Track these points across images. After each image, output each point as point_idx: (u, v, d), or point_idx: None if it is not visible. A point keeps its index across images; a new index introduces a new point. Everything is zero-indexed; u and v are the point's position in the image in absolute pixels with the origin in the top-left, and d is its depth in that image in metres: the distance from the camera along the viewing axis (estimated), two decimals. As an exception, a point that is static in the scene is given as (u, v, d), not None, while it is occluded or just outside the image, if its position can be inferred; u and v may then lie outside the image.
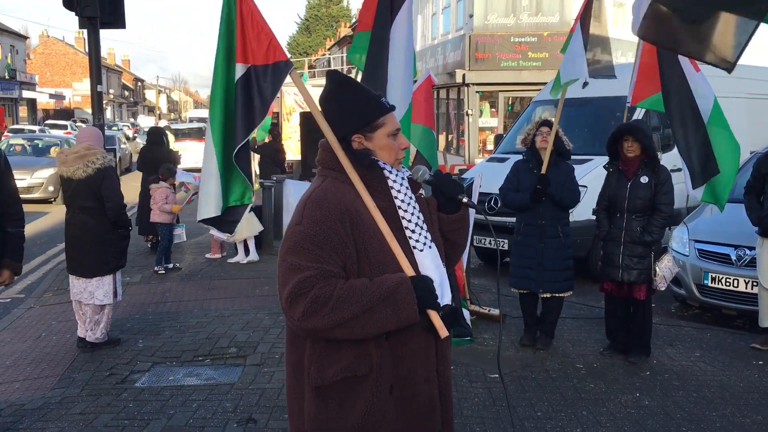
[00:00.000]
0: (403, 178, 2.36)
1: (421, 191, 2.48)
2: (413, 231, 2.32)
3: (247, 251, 9.81)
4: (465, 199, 2.42)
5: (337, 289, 2.13)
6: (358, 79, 5.61)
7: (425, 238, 2.33)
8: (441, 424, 2.38)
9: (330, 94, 2.39)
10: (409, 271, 2.26)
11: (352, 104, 2.34)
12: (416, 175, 2.43)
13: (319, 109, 2.46)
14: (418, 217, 2.34)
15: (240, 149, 3.68)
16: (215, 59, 3.57)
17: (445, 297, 2.34)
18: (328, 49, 50.90)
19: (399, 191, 2.33)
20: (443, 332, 2.28)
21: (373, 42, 5.48)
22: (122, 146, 25.87)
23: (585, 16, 6.18)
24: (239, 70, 3.37)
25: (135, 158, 20.66)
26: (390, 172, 2.33)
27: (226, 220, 4.10)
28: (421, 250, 2.32)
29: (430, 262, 2.32)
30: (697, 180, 5.88)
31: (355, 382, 2.23)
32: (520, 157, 6.27)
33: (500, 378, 5.07)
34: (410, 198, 2.35)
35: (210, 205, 3.98)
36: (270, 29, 3.45)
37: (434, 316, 2.27)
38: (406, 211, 2.33)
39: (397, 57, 5.51)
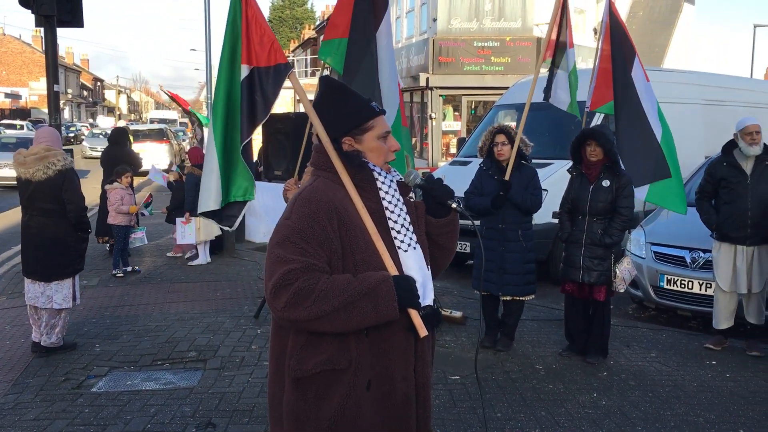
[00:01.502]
0: (391, 180, 2.43)
1: (411, 195, 2.53)
2: (399, 232, 2.39)
3: (203, 252, 9.74)
4: (454, 205, 2.49)
5: (321, 283, 2.19)
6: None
7: (410, 239, 2.40)
8: (416, 423, 2.41)
9: (322, 98, 2.51)
10: (393, 270, 2.32)
11: (343, 108, 2.43)
12: (408, 179, 2.50)
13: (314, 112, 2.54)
14: (405, 219, 2.41)
15: (246, 147, 3.87)
16: (220, 59, 3.74)
17: (427, 298, 2.39)
18: (292, 51, 50.70)
19: (387, 192, 2.40)
20: (422, 331, 2.33)
21: (353, 50, 5.53)
22: None
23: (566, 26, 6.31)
24: (244, 71, 3.61)
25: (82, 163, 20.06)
26: (379, 173, 2.40)
27: (226, 214, 4.26)
28: (406, 251, 2.38)
29: (413, 263, 2.38)
30: (638, 180, 6.07)
31: (334, 375, 2.29)
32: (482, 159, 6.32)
33: (477, 380, 5.14)
34: (398, 200, 2.42)
35: (210, 199, 4.11)
36: (271, 32, 3.64)
37: (414, 316, 2.32)
38: (392, 212, 2.40)
39: (385, 65, 5.62)
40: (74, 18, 8.68)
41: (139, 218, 9.73)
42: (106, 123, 55.22)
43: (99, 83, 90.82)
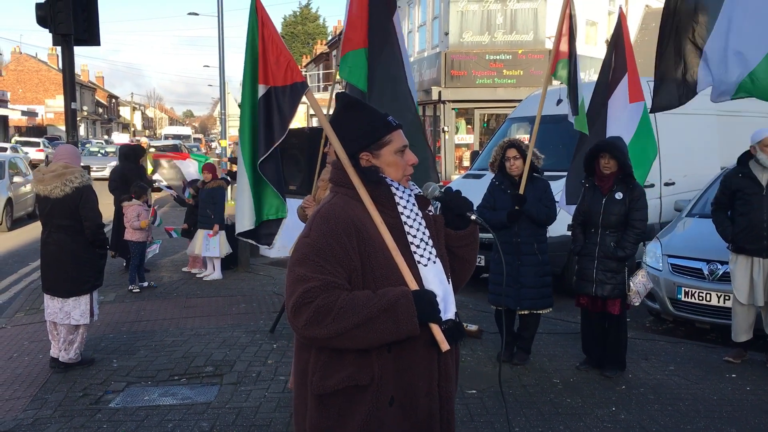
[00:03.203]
0: (410, 195, 2.43)
1: (430, 208, 2.53)
2: (418, 246, 2.39)
3: (215, 267, 9.82)
4: (473, 217, 2.49)
5: (340, 300, 2.20)
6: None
7: (430, 253, 2.40)
8: None
9: (338, 115, 2.53)
10: (413, 285, 2.32)
11: (359, 124, 2.44)
12: (426, 192, 2.50)
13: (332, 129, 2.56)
14: (424, 233, 2.41)
15: (268, 164, 3.93)
16: (243, 81, 3.83)
17: (448, 311, 2.39)
18: (305, 66, 51.01)
19: (405, 207, 2.40)
20: (444, 346, 2.32)
21: (376, 59, 5.57)
22: (14, 180, 16.15)
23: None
24: (261, 90, 3.66)
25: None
26: (397, 188, 2.41)
27: (263, 233, 4.33)
28: (425, 265, 2.38)
29: (434, 277, 2.38)
30: (569, 198, 6.35)
31: (356, 391, 2.29)
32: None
33: (501, 395, 5.11)
34: (416, 214, 2.42)
35: (244, 219, 4.17)
36: (288, 52, 3.70)
37: (436, 330, 2.32)
38: (411, 226, 2.40)
39: (408, 69, 5.68)
40: (91, 36, 8.79)
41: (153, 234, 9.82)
42: (121, 139, 55.67)
43: (114, 100, 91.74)
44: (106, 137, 66.06)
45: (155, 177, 11.61)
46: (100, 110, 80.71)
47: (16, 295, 9.23)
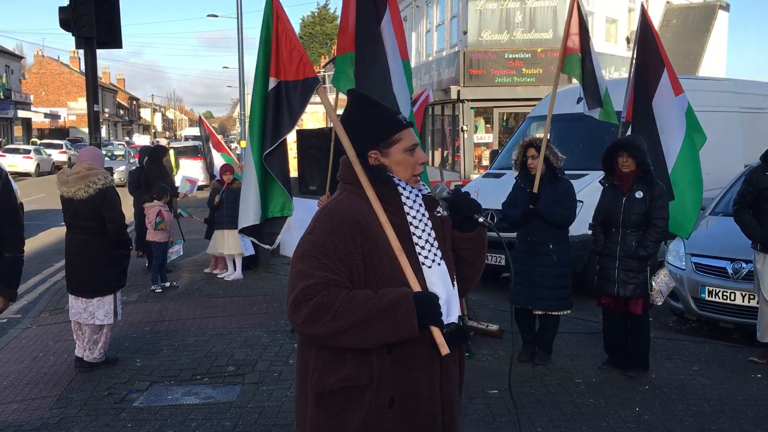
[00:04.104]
0: (417, 195, 2.40)
1: (439, 209, 2.49)
2: (423, 247, 2.35)
3: (235, 267, 9.87)
4: (481, 219, 2.43)
5: (340, 298, 2.18)
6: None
7: (435, 255, 2.36)
8: None
9: (348, 112, 2.50)
10: (416, 287, 2.29)
11: (368, 122, 2.42)
12: (434, 192, 2.46)
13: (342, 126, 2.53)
14: (429, 234, 2.38)
15: (274, 159, 3.84)
16: (255, 75, 3.76)
17: (451, 315, 2.34)
18: (323, 67, 51.11)
19: (412, 207, 2.38)
20: (444, 350, 2.28)
21: (362, 62, 5.46)
22: None
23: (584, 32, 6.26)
24: (271, 83, 3.58)
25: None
26: (404, 188, 2.38)
27: (266, 231, 4.21)
28: (430, 267, 2.35)
29: (437, 279, 2.35)
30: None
31: (355, 391, 2.26)
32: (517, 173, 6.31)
33: (510, 394, 5.04)
34: (422, 215, 2.39)
35: (249, 214, 4.07)
36: (301, 47, 3.63)
37: (437, 333, 2.28)
38: (417, 227, 2.37)
39: (396, 75, 5.57)
40: (113, 39, 8.86)
41: (182, 232, 9.92)
42: (141, 141, 56.16)
43: (135, 102, 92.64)
44: (127, 139, 66.68)
45: (179, 200, 11.63)
46: (122, 112, 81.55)
47: (41, 295, 9.36)
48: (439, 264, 2.37)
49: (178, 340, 6.82)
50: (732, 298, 6.63)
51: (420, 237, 2.36)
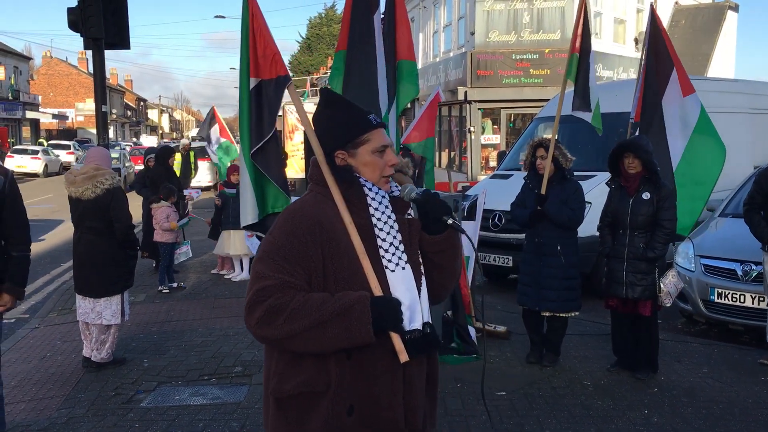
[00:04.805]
0: (383, 197, 2.34)
1: (410, 212, 2.42)
2: (387, 250, 2.29)
3: (242, 268, 9.88)
4: (450, 221, 2.33)
5: (294, 301, 2.13)
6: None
7: (399, 258, 2.30)
8: None
9: (319, 111, 2.44)
10: (377, 291, 2.22)
11: (337, 121, 2.36)
12: (403, 193, 2.39)
13: (311, 125, 2.47)
14: (395, 237, 2.31)
15: (265, 160, 3.84)
16: (239, 76, 3.75)
17: (414, 321, 2.26)
18: (329, 68, 51.17)
19: (377, 209, 2.32)
20: (402, 357, 2.20)
21: (352, 60, 5.46)
22: None
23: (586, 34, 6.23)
24: (252, 83, 3.57)
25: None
26: (370, 189, 2.32)
27: (268, 226, 4.11)
28: (393, 271, 2.28)
29: (401, 284, 2.27)
30: None
31: (313, 398, 2.21)
32: (525, 173, 6.30)
33: (482, 399, 4.96)
34: (388, 217, 2.32)
35: (248, 213, 4.06)
36: (274, 44, 3.59)
37: (396, 340, 2.20)
38: (381, 229, 2.30)
39: (380, 75, 5.57)
40: (121, 40, 8.90)
41: (184, 233, 9.91)
42: (149, 142, 56.34)
43: (142, 103, 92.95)
44: (134, 139, 66.92)
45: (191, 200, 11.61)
46: (129, 113, 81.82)
47: (49, 295, 9.38)
48: (403, 268, 2.29)
49: (186, 341, 6.82)
50: (741, 300, 6.59)
51: (384, 240, 2.29)
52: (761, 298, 6.37)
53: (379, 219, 2.31)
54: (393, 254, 2.29)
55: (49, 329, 7.55)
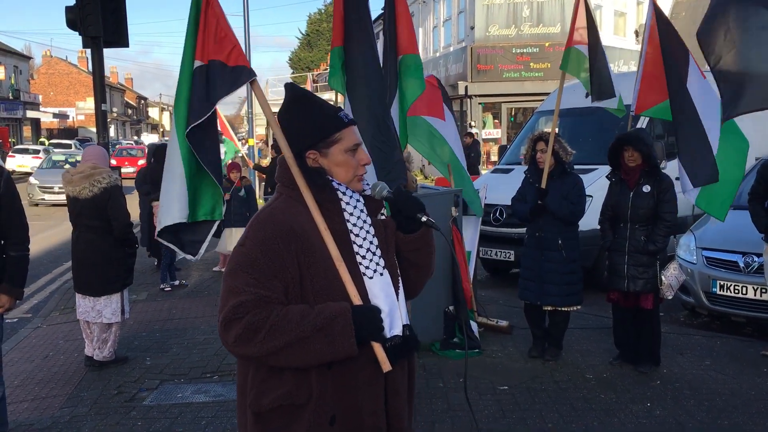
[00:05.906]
0: (358, 200, 2.26)
1: (383, 211, 2.34)
2: (364, 257, 2.22)
3: None
4: (424, 218, 2.26)
5: (272, 317, 2.04)
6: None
7: (377, 264, 2.23)
8: None
9: (285, 108, 2.31)
10: (356, 299, 2.15)
11: (307, 119, 2.24)
12: (374, 192, 2.30)
13: (278, 123, 2.36)
14: (371, 242, 2.24)
15: (206, 155, 3.34)
16: (182, 59, 3.38)
17: (394, 327, 2.21)
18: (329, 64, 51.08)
19: (352, 214, 2.24)
20: (386, 366, 2.16)
21: (353, 56, 5.22)
22: None
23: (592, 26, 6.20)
24: (196, 64, 3.28)
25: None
26: (344, 192, 2.24)
27: (189, 239, 3.52)
28: (371, 277, 2.21)
29: (379, 291, 2.21)
30: (697, 181, 5.84)
31: (293, 410, 2.14)
32: (526, 167, 6.28)
33: (465, 396, 4.97)
34: (364, 221, 2.25)
35: (173, 210, 3.42)
36: (234, 37, 3.32)
37: (378, 349, 2.15)
38: (357, 235, 2.23)
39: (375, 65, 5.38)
40: (119, 38, 8.88)
41: None
42: (150, 140, 56.35)
43: (143, 101, 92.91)
44: (135, 138, 66.93)
45: None
46: (130, 111, 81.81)
47: (51, 294, 9.40)
48: (381, 274, 2.23)
49: (188, 339, 6.83)
50: (744, 292, 6.58)
51: (361, 246, 2.22)
52: (763, 290, 6.36)
53: (354, 224, 2.23)
54: (370, 260, 2.22)
55: (51, 328, 7.56)
